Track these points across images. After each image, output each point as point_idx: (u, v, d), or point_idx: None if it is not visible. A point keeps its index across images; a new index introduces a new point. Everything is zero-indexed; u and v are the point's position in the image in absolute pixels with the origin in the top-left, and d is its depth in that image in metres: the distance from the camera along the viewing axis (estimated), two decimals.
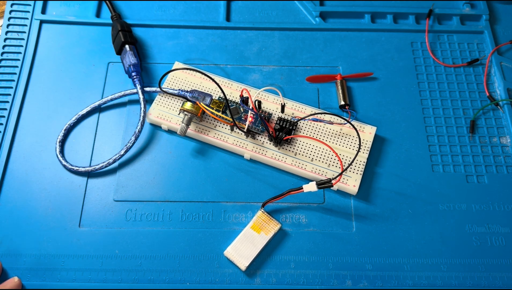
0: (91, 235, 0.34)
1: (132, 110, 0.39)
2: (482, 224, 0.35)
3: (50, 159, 0.36)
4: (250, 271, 0.33)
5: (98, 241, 0.33)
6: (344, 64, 0.41)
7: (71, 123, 0.38)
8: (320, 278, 0.32)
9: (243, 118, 0.37)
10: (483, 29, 0.43)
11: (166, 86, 0.39)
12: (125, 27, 0.40)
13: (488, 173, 0.37)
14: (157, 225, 0.34)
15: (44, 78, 0.40)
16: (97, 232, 0.34)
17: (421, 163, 0.37)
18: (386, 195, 0.35)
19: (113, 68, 0.41)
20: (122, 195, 0.35)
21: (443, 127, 0.38)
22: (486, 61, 0.41)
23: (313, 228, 0.34)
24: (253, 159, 0.37)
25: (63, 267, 0.32)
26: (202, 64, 0.41)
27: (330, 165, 0.35)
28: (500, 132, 0.38)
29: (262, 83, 0.40)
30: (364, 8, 0.44)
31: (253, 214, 0.34)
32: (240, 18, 0.44)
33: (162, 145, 0.37)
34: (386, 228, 0.34)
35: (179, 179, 0.36)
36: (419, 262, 0.33)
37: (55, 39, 0.42)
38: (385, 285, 0.32)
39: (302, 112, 0.38)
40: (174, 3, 0.44)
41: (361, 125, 0.37)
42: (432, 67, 0.41)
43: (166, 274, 0.32)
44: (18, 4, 0.43)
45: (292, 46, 0.42)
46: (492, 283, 0.32)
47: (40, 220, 0.34)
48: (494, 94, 0.40)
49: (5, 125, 0.38)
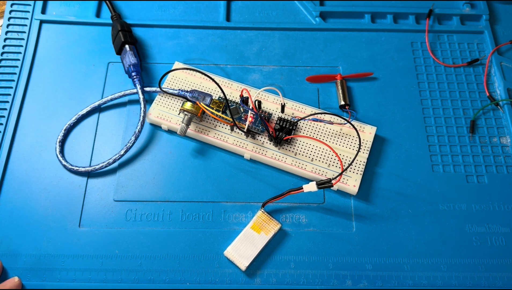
0: (91, 235, 0.34)
1: (132, 110, 0.39)
2: (482, 224, 0.35)
3: (50, 159, 0.36)
4: (250, 271, 0.33)
5: (98, 241, 0.33)
6: (344, 64, 0.41)
7: (71, 123, 0.38)
8: (320, 278, 0.32)
9: (243, 118, 0.37)
10: (483, 29, 0.43)
11: (166, 86, 0.39)
12: (125, 27, 0.40)
13: (488, 173, 0.37)
14: (157, 225, 0.34)
15: (44, 78, 0.40)
16: (97, 232, 0.34)
17: (421, 163, 0.37)
18: (386, 195, 0.35)
19: (113, 68, 0.41)
20: (122, 195, 0.35)
21: (443, 127, 0.38)
22: (486, 61, 0.41)
23: (313, 228, 0.34)
24: (253, 159, 0.37)
25: (63, 267, 0.32)
26: (202, 64, 0.41)
27: (330, 165, 0.35)
28: (500, 132, 0.38)
29: (262, 83, 0.40)
30: (364, 8, 0.44)
31: (253, 214, 0.34)
32: (240, 18, 0.44)
33: (162, 145, 0.37)
34: (386, 228, 0.34)
35: (179, 179, 0.36)
36: (419, 262, 0.33)
37: (55, 39, 0.42)
38: (385, 285, 0.32)
39: (302, 112, 0.38)
40: (174, 3, 0.44)
41: (361, 125, 0.37)
42: (432, 67, 0.41)
43: (166, 274, 0.32)
44: (18, 4, 0.43)
45: (292, 46, 0.42)
46: (492, 283, 0.32)
47: (40, 220, 0.34)
48: (494, 94, 0.40)
49: (5, 125, 0.38)
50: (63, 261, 0.32)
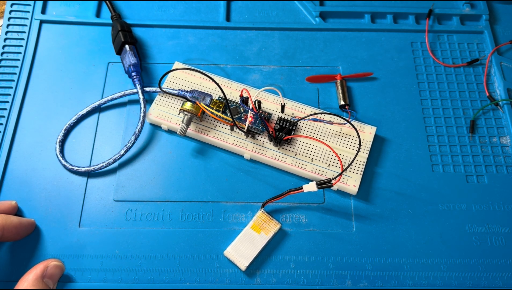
0: (91, 235, 0.34)
1: (132, 110, 0.39)
2: (482, 224, 0.35)
3: (50, 159, 0.36)
4: (250, 271, 0.33)
5: (98, 241, 0.33)
6: (344, 64, 0.41)
7: (71, 123, 0.38)
8: (320, 278, 0.32)
9: (243, 118, 0.37)
10: (483, 29, 0.43)
11: (166, 86, 0.39)
12: (125, 27, 0.40)
13: (488, 173, 0.37)
14: (157, 225, 0.34)
15: (44, 78, 0.40)
16: (97, 232, 0.34)
17: (421, 163, 0.37)
18: (386, 195, 0.35)
19: (113, 68, 0.41)
20: (122, 195, 0.35)
21: (443, 127, 0.38)
22: (486, 61, 0.41)
23: (313, 228, 0.34)
24: (253, 159, 0.37)
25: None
26: (202, 64, 0.41)
27: (330, 165, 0.35)
28: (500, 132, 0.38)
29: (262, 83, 0.40)
30: (364, 8, 0.44)
31: (253, 214, 0.34)
32: (240, 18, 0.44)
33: (162, 145, 0.37)
34: (386, 228, 0.34)
35: (179, 179, 0.36)
36: (419, 262, 0.33)
37: (55, 39, 0.42)
38: (385, 285, 0.32)
39: (302, 112, 0.38)
40: (174, 3, 0.44)
41: (361, 125, 0.37)
42: (432, 67, 0.41)
43: (166, 274, 0.32)
44: (18, 4, 0.43)
45: (292, 46, 0.42)
46: (492, 283, 0.32)
47: (40, 220, 0.34)
48: (494, 94, 0.40)
49: (5, 125, 0.38)
50: (63, 261, 0.32)
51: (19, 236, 0.32)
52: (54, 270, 0.30)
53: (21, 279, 0.29)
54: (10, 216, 0.32)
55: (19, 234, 0.32)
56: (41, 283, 0.29)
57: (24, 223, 0.32)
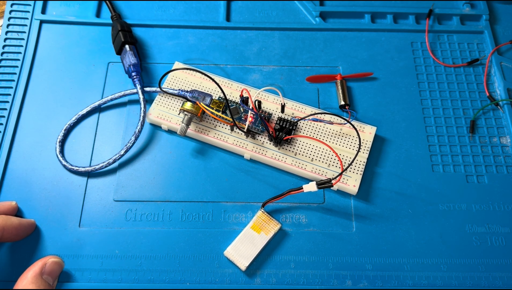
0: (91, 235, 0.34)
1: (132, 110, 0.39)
2: (482, 224, 0.35)
3: (50, 159, 0.36)
4: (250, 271, 0.33)
5: (98, 241, 0.33)
6: (344, 64, 0.41)
7: (71, 123, 0.38)
8: (320, 278, 0.32)
9: (243, 118, 0.37)
10: (483, 29, 0.43)
11: (166, 86, 0.39)
12: (125, 27, 0.40)
13: (488, 173, 0.37)
14: (157, 225, 0.34)
15: (44, 78, 0.40)
16: (97, 232, 0.34)
17: (421, 163, 0.37)
18: (386, 195, 0.35)
19: (113, 68, 0.41)
20: (122, 195, 0.35)
21: (443, 127, 0.38)
22: (486, 61, 0.41)
23: (313, 228, 0.34)
24: (253, 159, 0.37)
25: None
26: (202, 64, 0.41)
27: (330, 165, 0.35)
28: (500, 132, 0.38)
29: (262, 83, 0.40)
30: (364, 8, 0.44)
31: (253, 214, 0.34)
32: (240, 18, 0.44)
33: (162, 145, 0.37)
34: (386, 228, 0.34)
35: (179, 179, 0.36)
36: (419, 262, 0.33)
37: (55, 39, 0.42)
38: (385, 285, 0.32)
39: (302, 112, 0.38)
40: (174, 3, 0.44)
41: (361, 125, 0.37)
42: (432, 67, 0.41)
43: (166, 274, 0.32)
44: (18, 4, 0.43)
45: (292, 46, 0.42)
46: (492, 283, 0.32)
47: (40, 220, 0.34)
48: (494, 94, 0.40)
49: (5, 125, 0.38)
50: (63, 261, 0.32)
51: (19, 237, 0.32)
52: (53, 267, 0.30)
53: (20, 277, 0.29)
54: (10, 217, 0.32)
55: (19, 235, 0.32)
56: (41, 280, 0.29)
57: (24, 224, 0.32)
